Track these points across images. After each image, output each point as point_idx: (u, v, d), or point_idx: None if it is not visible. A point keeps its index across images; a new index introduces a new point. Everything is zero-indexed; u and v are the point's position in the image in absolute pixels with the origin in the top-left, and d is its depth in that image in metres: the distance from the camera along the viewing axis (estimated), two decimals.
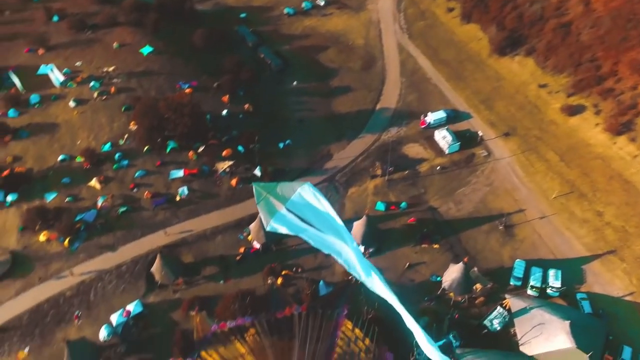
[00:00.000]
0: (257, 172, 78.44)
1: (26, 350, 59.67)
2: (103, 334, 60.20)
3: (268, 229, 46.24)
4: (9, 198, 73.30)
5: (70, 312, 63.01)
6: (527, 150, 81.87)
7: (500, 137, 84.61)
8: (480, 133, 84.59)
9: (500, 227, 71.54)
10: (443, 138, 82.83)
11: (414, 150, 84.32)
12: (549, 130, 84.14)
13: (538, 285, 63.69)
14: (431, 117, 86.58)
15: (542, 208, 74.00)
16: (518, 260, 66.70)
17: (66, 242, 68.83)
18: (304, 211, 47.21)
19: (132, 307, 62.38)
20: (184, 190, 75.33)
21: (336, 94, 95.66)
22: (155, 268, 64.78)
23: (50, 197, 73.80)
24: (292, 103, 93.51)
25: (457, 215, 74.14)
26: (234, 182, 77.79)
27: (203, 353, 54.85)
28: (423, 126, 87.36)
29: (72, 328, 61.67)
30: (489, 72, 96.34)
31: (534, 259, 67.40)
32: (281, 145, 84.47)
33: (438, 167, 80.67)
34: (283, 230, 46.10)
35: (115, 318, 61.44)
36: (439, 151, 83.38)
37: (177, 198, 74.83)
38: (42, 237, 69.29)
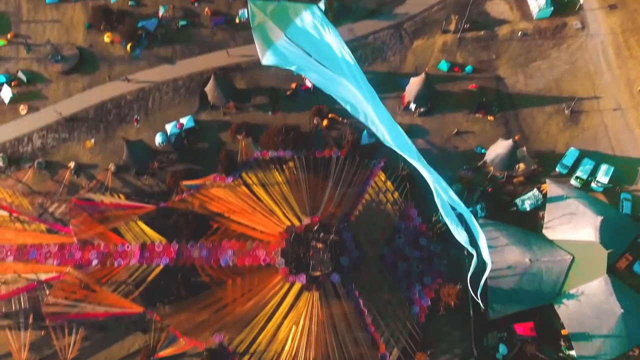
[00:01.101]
0: (322, 4, 73.39)
1: (92, 140, 66.71)
2: (158, 139, 65.57)
3: (264, 62, 39.80)
4: None
5: (130, 115, 68.16)
6: (629, 30, 70.92)
7: (604, 9, 72.84)
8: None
9: (566, 111, 66.66)
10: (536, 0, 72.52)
11: (498, 8, 74.86)
12: None
13: (584, 177, 61.72)
14: None
15: (620, 99, 67.26)
16: (572, 148, 63.61)
17: (128, 47, 70.74)
18: (308, 43, 39.28)
19: (185, 120, 66.41)
20: (244, 13, 72.54)
21: None
22: (209, 88, 66.62)
23: None
24: None
25: (524, 90, 68.98)
26: None
27: (244, 174, 59.34)
28: None
29: (132, 129, 67.40)
30: None
31: (590, 151, 64.05)
32: None
33: (520, 33, 72.33)
34: (280, 64, 39.46)
35: (169, 128, 66.12)
36: (526, 14, 73.68)
37: (237, 20, 72.77)
38: (106, 38, 71.32)
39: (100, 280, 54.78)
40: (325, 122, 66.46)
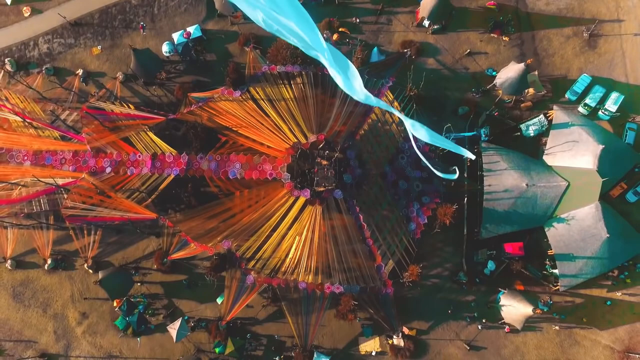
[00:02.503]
0: None
1: (99, 47, 65.85)
2: (165, 49, 64.59)
3: None
4: None
5: (135, 22, 66.47)
6: None
7: None
8: None
9: (585, 34, 64.37)
10: None
11: None
12: None
13: (592, 105, 61.44)
14: None
15: None
16: (584, 74, 62.51)
17: None
18: None
19: (192, 30, 64.83)
20: None
21: None
22: None
23: None
24: None
25: (544, 9, 65.96)
26: None
27: (251, 89, 59.34)
28: None
29: (138, 37, 66.14)
30: None
31: (603, 77, 63.03)
32: None
33: None
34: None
35: (176, 37, 64.78)
36: None
37: None
38: None
39: (114, 187, 57.51)
40: (335, 37, 64.79)
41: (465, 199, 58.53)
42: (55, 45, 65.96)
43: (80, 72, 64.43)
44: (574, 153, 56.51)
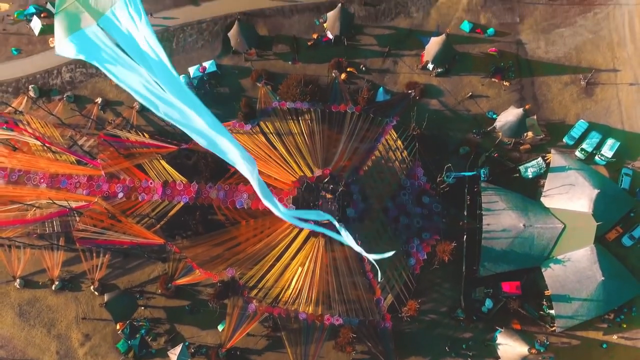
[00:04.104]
0: None
1: None
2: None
3: (57, 51, 34.76)
4: None
5: None
6: None
7: None
8: None
9: (582, 82, 67.24)
10: None
11: None
12: None
13: (589, 150, 63.66)
14: None
15: (639, 74, 67.47)
16: (582, 120, 65.00)
17: None
18: (124, 37, 34.32)
19: (208, 65, 68.29)
20: None
21: None
22: (232, 33, 67.74)
23: None
24: None
25: (543, 57, 69.16)
26: None
27: (262, 123, 62.15)
28: None
29: None
30: None
31: (599, 124, 65.47)
32: None
33: None
34: (85, 58, 34.29)
35: (192, 71, 68.22)
36: None
37: None
38: None
39: (125, 212, 59.60)
40: (343, 76, 67.94)
41: (465, 236, 60.07)
42: (77, 74, 69.44)
43: (99, 100, 67.62)
44: (571, 196, 58.34)
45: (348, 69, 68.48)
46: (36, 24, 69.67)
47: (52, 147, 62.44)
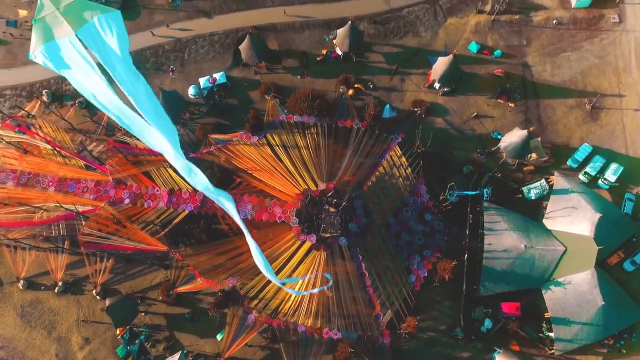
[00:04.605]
0: None
1: None
2: (191, 91, 69.21)
3: (30, 56, 36.08)
4: None
5: (166, 65, 71.57)
6: None
7: None
8: None
9: (588, 106, 67.86)
10: None
11: None
12: None
13: (592, 173, 63.99)
14: None
15: None
16: (586, 144, 65.50)
17: None
18: (101, 49, 35.27)
19: (218, 76, 69.58)
20: None
21: None
22: (243, 47, 69.12)
23: None
24: None
25: (549, 80, 69.96)
26: None
27: (268, 135, 63.06)
28: None
29: (167, 79, 70.99)
30: None
31: (603, 148, 65.91)
32: None
33: (555, 21, 72.28)
34: (54, 68, 35.52)
35: (202, 81, 69.50)
36: (564, 2, 73.37)
37: None
38: None
39: (130, 218, 60.34)
40: (350, 92, 68.93)
41: (466, 255, 60.27)
42: None
43: None
44: (573, 219, 58.56)
45: (355, 85, 69.51)
46: None
47: (62, 152, 63.54)
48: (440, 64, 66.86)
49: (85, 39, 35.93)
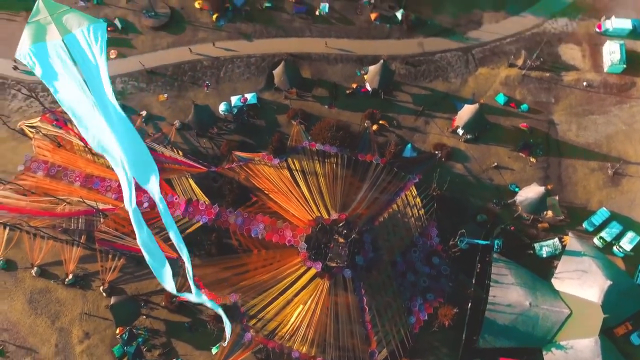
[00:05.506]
0: (399, 14, 76.31)
1: (165, 95, 73.82)
2: (222, 108, 71.79)
3: (17, 54, 38.77)
4: None
5: (202, 80, 74.67)
6: None
7: None
8: None
9: (610, 171, 67.60)
10: (610, 53, 72.33)
11: (570, 53, 75.34)
12: None
13: (608, 239, 63.29)
14: (612, 23, 74.18)
15: None
16: (604, 208, 65.01)
17: (214, 16, 76.81)
18: (83, 58, 38.01)
19: (250, 96, 72.18)
20: (325, 7, 76.76)
21: None
22: (277, 72, 71.73)
23: None
24: None
25: (574, 140, 70.15)
26: (373, 15, 77.20)
27: (289, 159, 64.76)
28: (599, 30, 75.74)
29: (201, 93, 73.95)
30: None
31: (622, 215, 65.25)
32: None
33: (585, 83, 72.93)
34: (36, 68, 37.77)
35: (234, 100, 72.16)
36: (597, 65, 73.99)
37: (317, 12, 77.04)
38: (197, 4, 77.66)
39: (147, 222, 61.98)
40: (374, 127, 70.44)
41: (469, 304, 59.88)
42: (129, 87, 74.40)
43: (144, 113, 72.03)
44: (582, 283, 57.83)
45: (380, 122, 71.04)
46: None
47: (92, 150, 66.40)
48: (466, 111, 67.96)
49: (70, 45, 38.75)
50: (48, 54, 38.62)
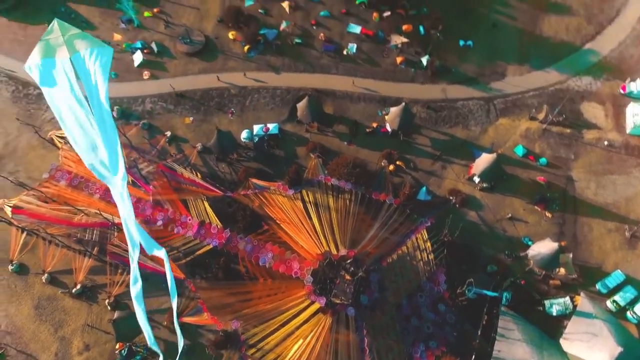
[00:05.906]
0: (424, 60, 78.14)
1: (191, 118, 76.24)
2: (244, 135, 73.63)
3: (25, 66, 41.72)
4: None
5: (227, 107, 77.00)
6: None
7: None
8: None
9: (627, 234, 66.46)
10: (634, 115, 72.39)
11: (593, 111, 75.61)
12: None
13: (622, 304, 61.63)
14: (637, 86, 74.55)
15: None
16: (619, 271, 63.60)
17: (246, 48, 79.83)
18: (87, 76, 41.06)
19: (272, 127, 73.99)
20: (353, 47, 79.17)
21: (550, 10, 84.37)
22: (301, 105, 73.65)
23: (248, 3, 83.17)
24: (496, 1, 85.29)
25: (591, 198, 69.49)
26: (399, 59, 79.17)
27: (304, 191, 65.60)
28: (623, 91, 76.11)
29: (225, 119, 76.14)
30: None
31: (638, 280, 63.65)
32: (461, 43, 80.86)
33: (606, 142, 72.81)
34: (35, 76, 40.49)
35: (256, 128, 74.02)
36: (619, 126, 73.99)
37: (345, 52, 79.44)
38: (231, 35, 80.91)
39: (158, 240, 63.17)
40: (391, 167, 71.13)
41: (473, 357, 58.43)
42: (158, 107, 77.13)
43: (168, 134, 74.33)
44: (591, 346, 56.06)
45: (397, 162, 71.74)
46: (138, 57, 79.10)
47: None
48: (484, 160, 68.27)
49: (76, 63, 41.86)
50: (55, 69, 41.80)
